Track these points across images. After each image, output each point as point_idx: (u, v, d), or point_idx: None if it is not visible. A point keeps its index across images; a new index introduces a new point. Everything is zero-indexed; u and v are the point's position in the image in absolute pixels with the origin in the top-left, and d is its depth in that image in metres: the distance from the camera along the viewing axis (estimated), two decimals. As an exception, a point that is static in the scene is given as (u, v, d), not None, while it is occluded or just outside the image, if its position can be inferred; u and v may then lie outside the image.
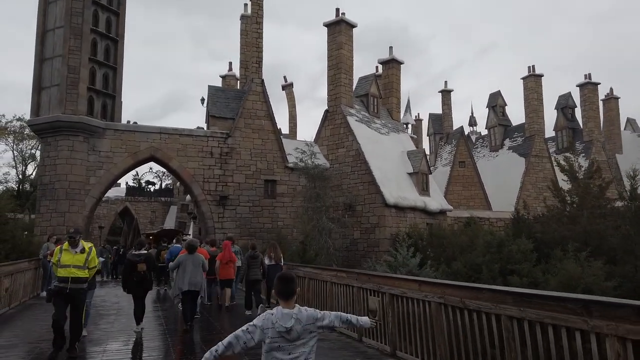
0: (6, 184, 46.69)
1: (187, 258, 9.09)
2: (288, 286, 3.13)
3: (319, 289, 9.69)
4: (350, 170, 22.95)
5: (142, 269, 8.54)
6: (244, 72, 26.31)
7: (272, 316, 3.05)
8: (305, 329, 3.06)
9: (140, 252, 9.11)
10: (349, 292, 8.31)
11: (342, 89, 24.01)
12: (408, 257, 17.48)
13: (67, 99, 19.36)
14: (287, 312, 3.04)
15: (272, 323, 3.02)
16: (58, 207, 19.13)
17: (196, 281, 8.94)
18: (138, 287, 8.58)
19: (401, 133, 26.80)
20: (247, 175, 22.69)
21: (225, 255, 11.46)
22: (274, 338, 3.01)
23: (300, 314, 3.06)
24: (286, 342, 3.02)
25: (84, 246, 7.03)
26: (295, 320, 3.02)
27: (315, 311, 3.18)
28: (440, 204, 24.32)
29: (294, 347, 3.03)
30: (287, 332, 2.99)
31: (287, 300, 3.11)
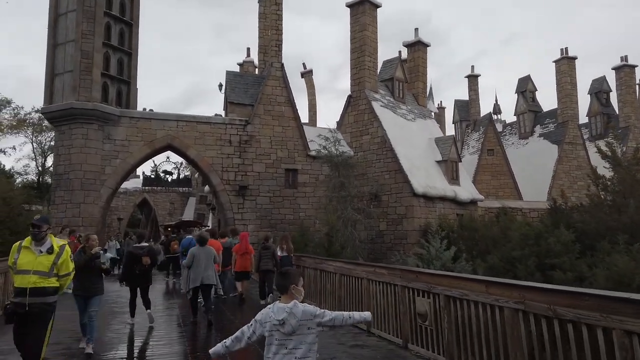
0: (26, 176, 46.92)
1: (199, 251, 8.73)
2: (282, 281, 3.30)
3: (352, 287, 8.64)
4: (375, 158, 21.76)
5: (147, 262, 8.26)
6: (262, 57, 25.21)
7: (269, 310, 3.21)
8: (302, 324, 3.12)
9: (142, 244, 8.69)
10: (391, 292, 7.23)
11: (366, 72, 22.76)
12: (441, 250, 16.32)
13: (80, 86, 18.59)
14: (282, 306, 3.16)
15: (269, 317, 3.16)
16: (73, 198, 18.45)
17: (209, 275, 8.63)
18: (139, 280, 8.46)
19: (428, 119, 25.45)
20: (267, 164, 21.71)
21: (242, 247, 11.40)
22: (271, 331, 3.14)
23: (296, 309, 3.14)
24: (282, 335, 3.11)
25: (52, 244, 5.01)
26: (288, 314, 3.11)
27: (315, 308, 3.23)
28: (471, 193, 22.99)
29: (290, 341, 3.11)
30: (281, 325, 3.10)
31: (282, 294, 3.27)
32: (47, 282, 4.88)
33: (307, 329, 3.14)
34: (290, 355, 3.10)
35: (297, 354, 3.10)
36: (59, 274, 5.02)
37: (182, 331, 8.21)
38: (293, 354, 3.10)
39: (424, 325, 6.33)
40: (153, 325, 8.55)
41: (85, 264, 6.60)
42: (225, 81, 22.68)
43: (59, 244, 5.09)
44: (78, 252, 6.87)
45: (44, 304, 4.87)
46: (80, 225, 18.13)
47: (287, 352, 3.10)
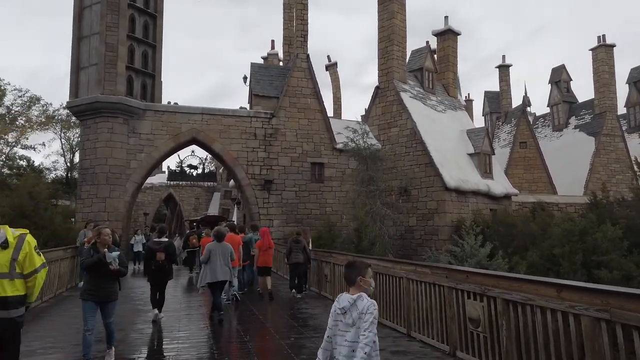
0: (55, 172, 47.71)
1: (215, 247, 8.52)
2: (348, 273, 3.27)
3: (390, 287, 8.01)
4: (404, 151, 21.01)
5: (161, 258, 8.05)
6: (287, 49, 24.71)
7: (335, 301, 3.23)
8: (360, 317, 3.06)
9: (161, 239, 8.46)
10: (435, 293, 6.58)
11: (395, 62, 21.97)
12: (476, 247, 15.51)
13: (105, 79, 18.41)
14: (347, 296, 3.17)
15: (334, 306, 3.20)
16: (99, 193, 18.32)
17: (225, 271, 8.44)
18: (156, 275, 8.25)
19: (459, 110, 24.51)
20: (292, 158, 21.21)
21: (264, 243, 11.28)
22: (335, 321, 3.17)
23: (360, 301, 3.09)
24: (345, 326, 3.10)
25: (6, 236, 3.59)
26: (351, 305, 3.09)
27: (375, 309, 3.10)
28: (504, 187, 22.01)
29: (350, 334, 3.05)
30: (343, 315, 3.11)
31: (350, 286, 3.23)
32: (10, 287, 3.53)
33: (362, 322, 3.06)
34: (348, 348, 3.05)
35: (353, 347, 3.04)
36: (25, 273, 3.63)
37: (207, 333, 7.74)
38: (351, 347, 3.04)
39: (475, 332, 5.67)
40: (159, 319, 8.36)
41: (92, 265, 5.59)
42: (250, 73, 22.24)
43: (15, 235, 3.65)
44: (88, 249, 5.87)
45: (10, 321, 3.54)
46: (106, 220, 17.99)
47: (346, 343, 3.05)
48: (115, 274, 5.69)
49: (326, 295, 11.41)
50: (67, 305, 10.10)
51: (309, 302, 10.64)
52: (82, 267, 5.71)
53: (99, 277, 5.64)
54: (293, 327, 7.96)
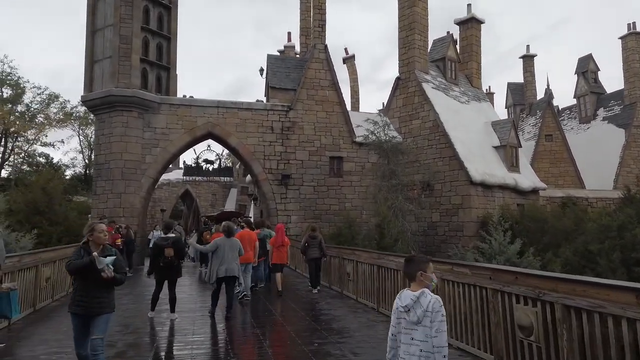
0: (74, 169, 48.02)
1: (224, 242, 8.29)
2: (408, 268, 3.17)
3: (421, 287, 7.33)
4: (427, 144, 20.21)
5: (170, 254, 7.73)
6: (304, 40, 24.06)
7: (397, 298, 3.13)
8: (427, 315, 2.94)
9: (168, 235, 8.12)
10: (476, 296, 5.88)
11: (416, 52, 21.14)
12: (505, 244, 14.69)
13: (119, 72, 18.03)
14: (409, 293, 3.05)
15: (396, 303, 3.09)
16: (114, 188, 17.98)
17: (233, 267, 8.20)
18: (163, 273, 7.91)
19: (483, 102, 23.57)
20: (310, 152, 20.59)
21: (278, 239, 11.17)
22: (398, 319, 3.07)
23: (423, 298, 2.98)
24: (408, 324, 3.00)
25: None
26: (414, 302, 2.98)
27: (441, 306, 2.96)
28: (532, 181, 21.06)
29: (415, 332, 2.96)
30: (406, 312, 3.00)
31: (410, 281, 3.14)
32: None
33: (430, 322, 2.94)
34: (416, 347, 2.94)
35: (421, 346, 2.92)
36: None
37: (224, 337, 7.17)
38: (418, 345, 2.93)
39: (526, 341, 4.98)
40: (175, 318, 8.07)
41: (79, 269, 4.44)
42: (266, 65, 21.67)
43: None
44: (78, 249, 4.65)
45: None
46: (121, 216, 17.67)
47: (412, 342, 2.96)
48: (112, 282, 4.51)
49: (348, 294, 10.78)
50: (79, 305, 9.64)
51: (331, 303, 10.03)
52: (67, 270, 4.60)
53: (89, 283, 4.47)
54: (315, 330, 7.35)
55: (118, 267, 4.58)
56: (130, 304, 9.69)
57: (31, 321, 8.02)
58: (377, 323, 7.91)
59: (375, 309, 9.06)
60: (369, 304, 9.52)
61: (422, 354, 2.92)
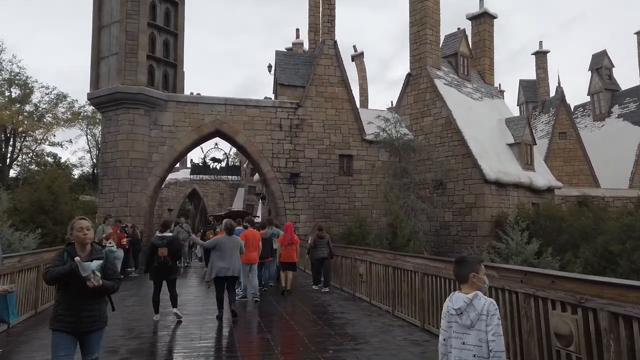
0: (81, 168, 48.00)
1: (224, 240, 8.07)
2: (460, 270, 3.04)
3: (441, 290, 6.90)
4: (439, 142, 19.71)
5: (163, 254, 7.49)
6: (313, 37, 23.65)
7: (447, 300, 3.01)
8: (482, 319, 2.81)
9: (164, 234, 7.79)
10: (505, 301, 5.43)
11: (428, 47, 20.66)
12: (522, 244, 14.19)
13: (126, 68, 17.73)
14: (462, 295, 2.92)
15: (447, 307, 2.97)
16: (120, 187, 17.68)
17: (234, 266, 7.97)
18: (158, 273, 7.63)
19: (496, 98, 23.03)
20: (319, 150, 20.18)
21: (287, 238, 11.05)
22: (449, 322, 2.94)
23: (476, 301, 2.85)
24: (460, 328, 2.88)
25: None
26: (467, 305, 2.85)
27: (496, 309, 2.86)
28: (547, 180, 20.50)
29: (468, 336, 2.83)
30: (459, 316, 2.88)
31: (462, 283, 3.01)
32: None
33: (485, 325, 2.82)
34: (468, 352, 2.83)
35: (475, 352, 2.81)
36: None
37: (231, 342, 6.79)
38: (471, 350, 2.82)
39: (565, 351, 4.54)
40: (181, 319, 7.77)
41: (60, 278, 3.61)
42: (275, 62, 21.27)
43: None
44: (59, 254, 3.81)
45: None
46: (128, 215, 17.37)
47: (464, 347, 2.85)
48: (101, 292, 3.70)
49: (361, 296, 10.38)
50: (82, 307, 9.30)
51: (343, 305, 9.61)
52: (45, 280, 3.78)
53: (74, 295, 3.64)
54: (329, 335, 6.94)
55: (109, 273, 3.77)
56: (135, 306, 9.34)
57: (32, 324, 7.69)
58: (394, 328, 7.49)
59: (390, 313, 8.64)
60: (383, 306, 9.11)
61: (476, 359, 2.80)
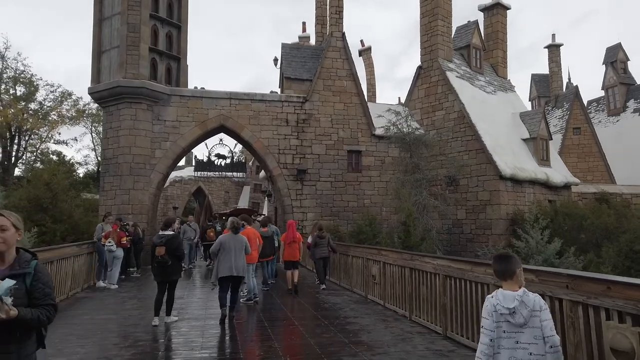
0: (86, 166, 47.60)
1: (229, 239, 7.78)
2: (507, 266, 2.88)
3: (467, 295, 6.25)
4: (451, 137, 19.00)
5: (160, 253, 7.16)
6: (320, 29, 22.99)
7: (492, 299, 2.85)
8: (534, 315, 2.75)
9: (165, 233, 7.41)
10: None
11: (439, 39, 19.94)
12: (543, 243, 13.48)
13: (127, 62, 17.16)
14: (510, 293, 2.80)
15: (494, 306, 2.80)
16: (122, 184, 17.14)
17: (238, 265, 7.67)
18: (158, 273, 7.32)
19: (509, 92, 22.27)
20: (327, 146, 19.54)
21: (289, 236, 10.88)
22: (499, 322, 2.77)
23: (526, 297, 2.78)
24: (511, 327, 2.75)
25: None
26: (519, 303, 2.75)
27: (545, 303, 2.81)
28: (564, 176, 19.75)
29: (521, 334, 2.73)
30: (511, 315, 2.74)
31: (507, 279, 2.88)
32: None
33: (539, 321, 2.74)
34: (524, 351, 2.71)
35: (531, 349, 2.71)
36: None
37: (235, 347, 6.18)
38: (527, 349, 2.71)
39: None
40: (172, 321, 7.46)
41: None
42: (281, 55, 20.65)
43: None
44: None
45: None
46: (130, 213, 16.84)
47: (518, 346, 2.72)
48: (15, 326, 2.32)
49: (374, 299, 9.74)
50: (77, 311, 8.72)
51: (355, 309, 8.98)
52: None
53: None
54: (342, 344, 6.31)
55: (37, 296, 2.41)
56: (134, 310, 8.74)
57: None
58: (413, 335, 6.85)
59: (407, 317, 8.00)
60: (399, 310, 8.46)
61: (533, 357, 2.70)
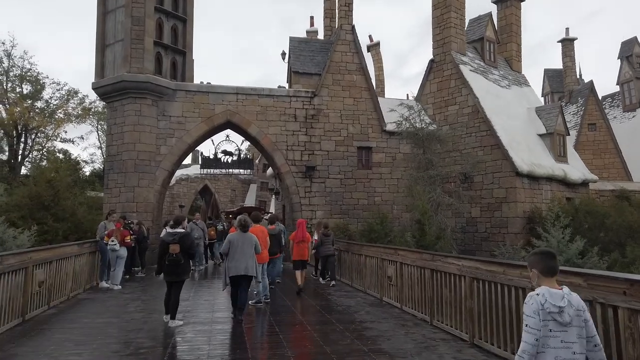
0: (92, 165, 47.37)
1: (238, 238, 7.60)
2: (554, 262, 2.84)
3: (497, 299, 5.70)
4: (465, 132, 18.38)
5: (175, 250, 6.93)
6: (328, 23, 22.42)
7: (538, 297, 2.71)
8: (578, 314, 2.69)
9: (176, 230, 7.17)
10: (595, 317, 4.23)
11: (452, 31, 19.31)
12: (564, 242, 12.87)
13: (131, 56, 16.71)
14: (556, 291, 2.71)
15: (541, 304, 2.68)
16: (126, 182, 16.70)
17: (248, 264, 7.49)
18: (169, 272, 7.06)
19: (524, 86, 21.60)
20: (337, 142, 19.00)
21: (299, 235, 10.82)
22: (545, 320, 2.67)
23: (570, 296, 2.73)
24: (558, 326, 2.66)
25: None
26: (567, 302, 2.68)
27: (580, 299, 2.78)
28: (582, 173, 19.09)
29: (567, 334, 2.65)
30: (559, 314, 2.65)
31: (551, 276, 2.81)
32: None
33: (582, 320, 2.69)
34: (568, 350, 2.64)
35: (574, 349, 2.64)
36: None
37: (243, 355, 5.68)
38: (570, 348, 2.65)
39: None
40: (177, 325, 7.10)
41: None
42: (289, 48, 20.11)
43: None
44: None
45: None
46: (135, 211, 16.40)
47: (563, 345, 2.64)
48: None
49: (390, 301, 9.22)
50: (77, 314, 8.25)
51: (371, 312, 8.46)
52: None
53: None
54: (362, 353, 5.79)
55: None
56: (137, 313, 8.26)
57: (16, 335, 6.66)
58: (437, 342, 6.31)
59: (428, 322, 7.47)
60: (418, 314, 7.93)
61: (576, 356, 2.66)
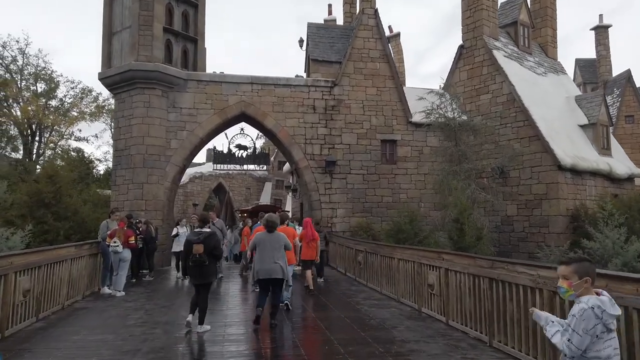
0: (106, 163, 46.82)
1: (264, 238, 7.14)
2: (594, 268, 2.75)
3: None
4: (499, 123, 16.91)
5: (198, 251, 6.50)
6: (348, 9, 21.14)
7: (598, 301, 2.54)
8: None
9: (202, 230, 6.76)
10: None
11: (484, 14, 17.82)
12: (620, 243, 11.37)
13: (139, 43, 15.61)
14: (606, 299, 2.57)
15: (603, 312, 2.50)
16: (135, 178, 15.62)
17: (275, 267, 6.92)
18: (194, 274, 6.64)
19: (561, 74, 20.01)
20: (359, 135, 17.70)
21: (308, 234, 10.48)
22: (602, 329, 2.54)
23: None
24: (611, 334, 2.55)
25: None
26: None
27: None
28: (628, 167, 17.50)
29: (614, 340, 2.58)
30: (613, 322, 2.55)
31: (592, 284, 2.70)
32: None
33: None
34: (617, 357, 2.60)
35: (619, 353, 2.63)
36: None
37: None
38: (618, 355, 2.60)
39: None
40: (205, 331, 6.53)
41: None
42: (307, 35, 18.84)
43: None
44: None
45: None
46: (144, 209, 15.32)
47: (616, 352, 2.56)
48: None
49: (431, 314, 7.89)
50: (68, 328, 7.07)
51: (412, 327, 7.15)
52: None
53: None
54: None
55: None
56: (137, 327, 7.02)
57: None
58: (509, 373, 4.97)
59: (486, 343, 6.13)
60: (470, 332, 6.60)
61: None
